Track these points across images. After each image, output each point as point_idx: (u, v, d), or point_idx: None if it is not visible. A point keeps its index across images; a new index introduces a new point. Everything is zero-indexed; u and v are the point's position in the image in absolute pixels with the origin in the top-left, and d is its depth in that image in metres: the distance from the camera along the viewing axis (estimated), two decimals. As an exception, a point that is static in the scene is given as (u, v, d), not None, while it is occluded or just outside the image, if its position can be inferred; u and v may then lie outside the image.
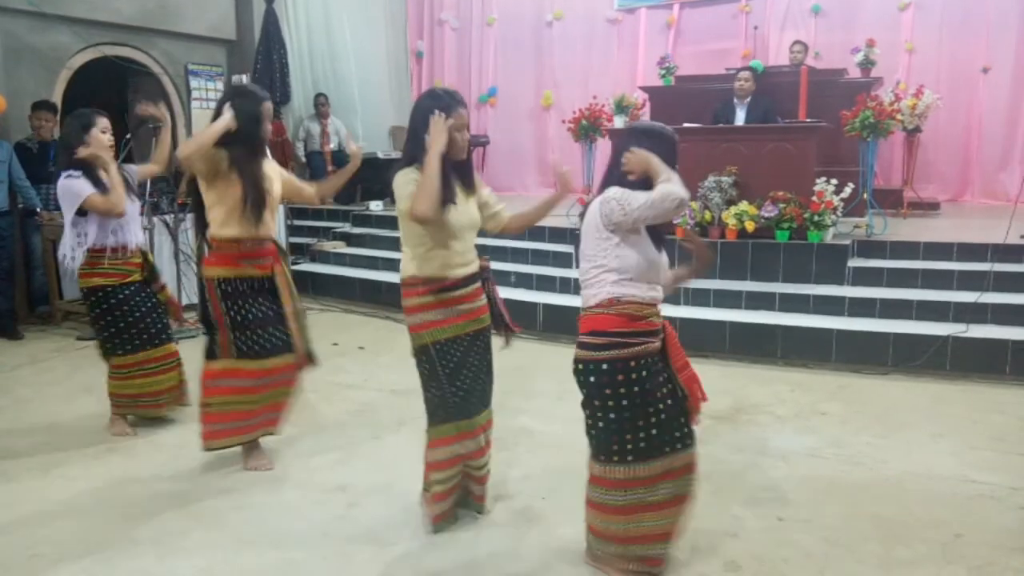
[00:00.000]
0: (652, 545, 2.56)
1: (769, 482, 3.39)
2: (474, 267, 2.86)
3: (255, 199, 3.29)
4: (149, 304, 3.99)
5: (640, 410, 2.44)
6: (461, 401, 2.82)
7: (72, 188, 3.70)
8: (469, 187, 2.87)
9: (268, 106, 3.37)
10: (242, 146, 3.27)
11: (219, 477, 3.48)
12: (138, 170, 4.20)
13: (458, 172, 2.81)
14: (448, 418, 2.83)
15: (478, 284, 2.89)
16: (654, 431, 2.45)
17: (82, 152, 3.69)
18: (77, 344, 5.79)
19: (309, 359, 3.52)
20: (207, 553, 2.84)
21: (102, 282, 3.87)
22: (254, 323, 3.39)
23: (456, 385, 2.80)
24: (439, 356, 2.78)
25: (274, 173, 3.48)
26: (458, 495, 3.01)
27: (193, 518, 3.10)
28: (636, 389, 2.42)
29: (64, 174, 3.73)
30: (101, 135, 3.80)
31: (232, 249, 3.35)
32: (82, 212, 3.75)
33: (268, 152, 3.50)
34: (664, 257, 2.57)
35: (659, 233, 2.53)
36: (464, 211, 2.80)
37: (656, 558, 2.59)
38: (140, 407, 4.06)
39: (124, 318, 3.93)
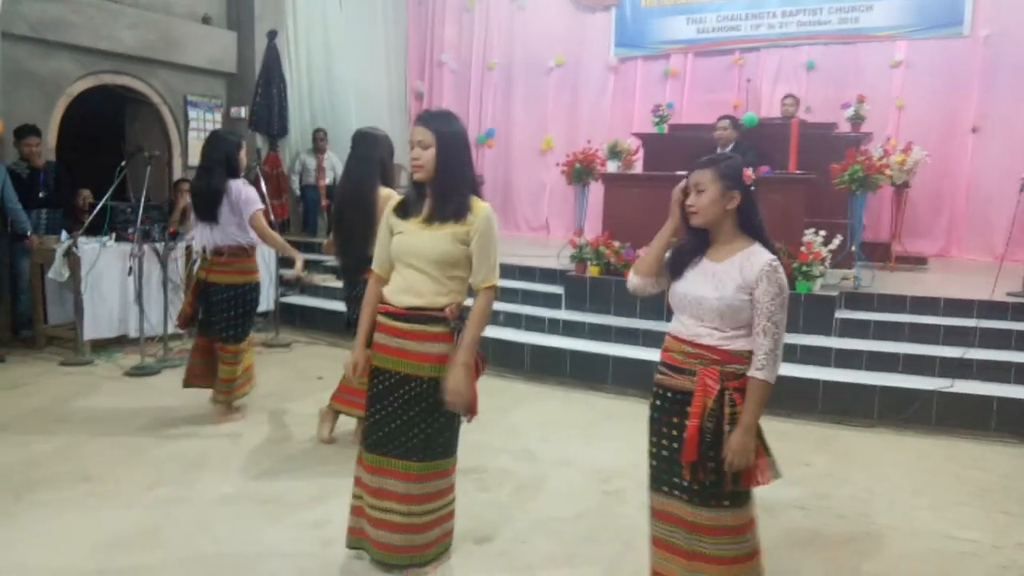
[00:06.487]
0: None
1: (751, 533, 3.36)
2: (417, 300, 2.68)
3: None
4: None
5: (650, 436, 2.54)
6: (369, 428, 2.81)
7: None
8: (434, 215, 2.67)
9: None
10: None
11: (193, 515, 3.42)
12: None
13: (419, 194, 2.74)
14: (363, 437, 2.86)
15: (422, 325, 2.68)
16: (654, 462, 2.51)
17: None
18: (60, 370, 5.73)
19: None
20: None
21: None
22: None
23: (370, 411, 2.80)
24: (371, 376, 2.80)
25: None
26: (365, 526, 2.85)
27: (169, 554, 3.04)
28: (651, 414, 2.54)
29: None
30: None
31: None
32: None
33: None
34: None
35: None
36: (411, 240, 2.69)
37: None
38: None
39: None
